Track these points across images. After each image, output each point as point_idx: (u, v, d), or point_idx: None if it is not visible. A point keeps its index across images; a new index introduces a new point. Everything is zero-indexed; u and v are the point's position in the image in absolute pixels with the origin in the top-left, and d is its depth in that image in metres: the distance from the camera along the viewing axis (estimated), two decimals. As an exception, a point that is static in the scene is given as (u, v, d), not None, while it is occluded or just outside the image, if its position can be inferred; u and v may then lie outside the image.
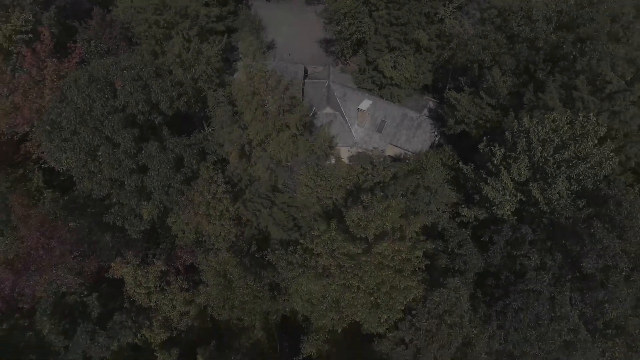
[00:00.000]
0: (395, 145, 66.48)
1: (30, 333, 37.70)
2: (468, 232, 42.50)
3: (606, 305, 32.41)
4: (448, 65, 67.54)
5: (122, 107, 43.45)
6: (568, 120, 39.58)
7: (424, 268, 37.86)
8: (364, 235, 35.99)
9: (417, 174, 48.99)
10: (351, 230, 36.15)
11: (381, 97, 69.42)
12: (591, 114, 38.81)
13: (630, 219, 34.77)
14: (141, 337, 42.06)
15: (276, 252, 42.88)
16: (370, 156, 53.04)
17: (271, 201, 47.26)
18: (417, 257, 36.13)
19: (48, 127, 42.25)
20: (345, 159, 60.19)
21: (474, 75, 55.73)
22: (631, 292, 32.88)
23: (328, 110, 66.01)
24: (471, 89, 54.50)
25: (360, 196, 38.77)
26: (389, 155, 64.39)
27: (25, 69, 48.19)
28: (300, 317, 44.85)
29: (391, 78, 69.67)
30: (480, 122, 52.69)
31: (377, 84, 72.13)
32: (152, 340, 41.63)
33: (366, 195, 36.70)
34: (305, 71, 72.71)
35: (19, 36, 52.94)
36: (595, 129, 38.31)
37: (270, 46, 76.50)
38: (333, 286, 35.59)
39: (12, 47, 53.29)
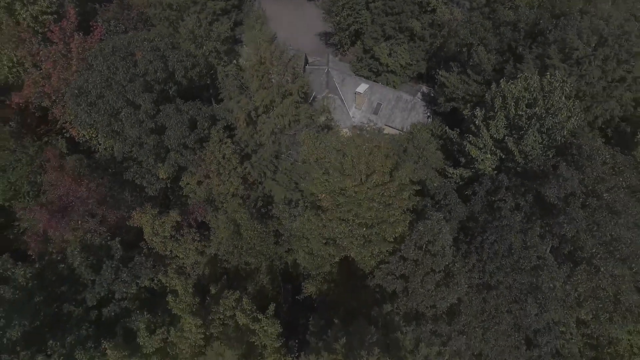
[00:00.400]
0: (391, 126, 70.61)
1: (63, 265, 42.01)
2: (453, 186, 47.22)
3: (565, 225, 37.00)
4: (440, 53, 72.12)
5: (142, 74, 48.24)
6: (538, 79, 44.02)
7: (412, 209, 42.41)
8: (358, 178, 40.50)
9: (408, 142, 53.65)
10: (346, 173, 40.65)
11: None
12: (557, 71, 43.49)
13: (590, 160, 39.53)
14: (157, 282, 46.07)
15: (280, 206, 47.66)
16: (366, 128, 57.50)
17: (275, 166, 51.81)
18: (405, 198, 40.61)
19: (76, 91, 47.02)
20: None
21: (463, 60, 59.75)
22: (586, 214, 37.55)
23: (327, 94, 70.52)
24: (460, 69, 59.08)
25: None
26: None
27: (54, 41, 52.90)
28: (302, 269, 49.05)
29: (387, 65, 73.88)
30: (468, 97, 56.82)
31: (373, 71, 76.25)
32: (167, 285, 45.68)
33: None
34: (306, 59, 77.23)
35: (44, 17, 57.71)
36: (561, 85, 42.78)
37: (272, 39, 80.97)
38: (331, 220, 40.08)
39: (38, 27, 58.18)
